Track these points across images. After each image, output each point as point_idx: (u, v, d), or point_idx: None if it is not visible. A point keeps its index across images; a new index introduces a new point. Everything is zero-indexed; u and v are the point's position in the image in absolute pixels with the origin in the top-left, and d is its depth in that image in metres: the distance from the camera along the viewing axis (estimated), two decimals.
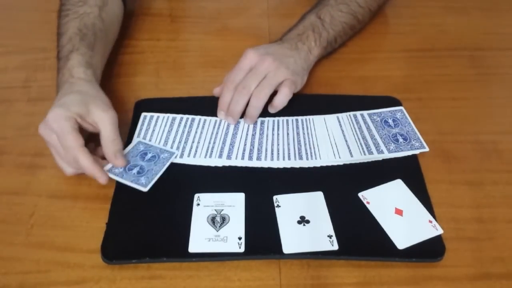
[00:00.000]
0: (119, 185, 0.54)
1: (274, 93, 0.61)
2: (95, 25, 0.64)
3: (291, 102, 0.63)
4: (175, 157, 0.57)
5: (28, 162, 0.58)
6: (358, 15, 0.71)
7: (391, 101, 0.63)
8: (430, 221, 0.50)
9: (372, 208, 0.52)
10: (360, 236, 0.50)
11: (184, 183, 0.55)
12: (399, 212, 0.51)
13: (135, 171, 0.55)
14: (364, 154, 0.57)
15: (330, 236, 0.49)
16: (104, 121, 0.53)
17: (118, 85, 0.68)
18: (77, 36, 0.62)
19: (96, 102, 0.54)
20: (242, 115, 0.61)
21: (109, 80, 0.69)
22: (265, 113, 0.61)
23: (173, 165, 0.56)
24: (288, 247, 0.48)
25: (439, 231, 0.50)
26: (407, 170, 0.56)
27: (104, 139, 0.53)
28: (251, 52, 0.61)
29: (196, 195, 0.53)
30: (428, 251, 0.49)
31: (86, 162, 0.51)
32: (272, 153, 0.57)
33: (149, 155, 0.57)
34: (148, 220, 0.51)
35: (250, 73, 0.60)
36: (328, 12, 0.68)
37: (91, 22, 0.64)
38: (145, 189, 0.53)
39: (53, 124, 0.51)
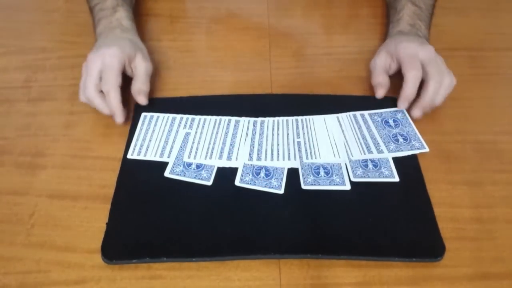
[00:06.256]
0: (119, 185, 0.54)
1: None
2: None
3: (292, 102, 0.63)
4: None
5: (28, 162, 0.58)
6: None
7: (392, 101, 0.63)
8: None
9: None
10: (360, 236, 0.50)
11: (182, 181, 0.55)
12: None
13: (262, 174, 0.55)
14: (364, 154, 0.57)
15: None
16: (141, 67, 0.62)
17: None
18: None
19: (142, 51, 0.64)
20: (247, 115, 0.61)
21: None
22: (265, 113, 0.62)
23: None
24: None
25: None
26: (407, 170, 0.56)
27: (135, 79, 0.62)
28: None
29: None
30: (428, 251, 0.49)
31: (115, 99, 0.58)
32: (272, 153, 0.57)
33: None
34: (148, 220, 0.51)
35: (433, 62, 0.61)
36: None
37: None
38: (281, 192, 0.53)
39: (107, 58, 0.59)
